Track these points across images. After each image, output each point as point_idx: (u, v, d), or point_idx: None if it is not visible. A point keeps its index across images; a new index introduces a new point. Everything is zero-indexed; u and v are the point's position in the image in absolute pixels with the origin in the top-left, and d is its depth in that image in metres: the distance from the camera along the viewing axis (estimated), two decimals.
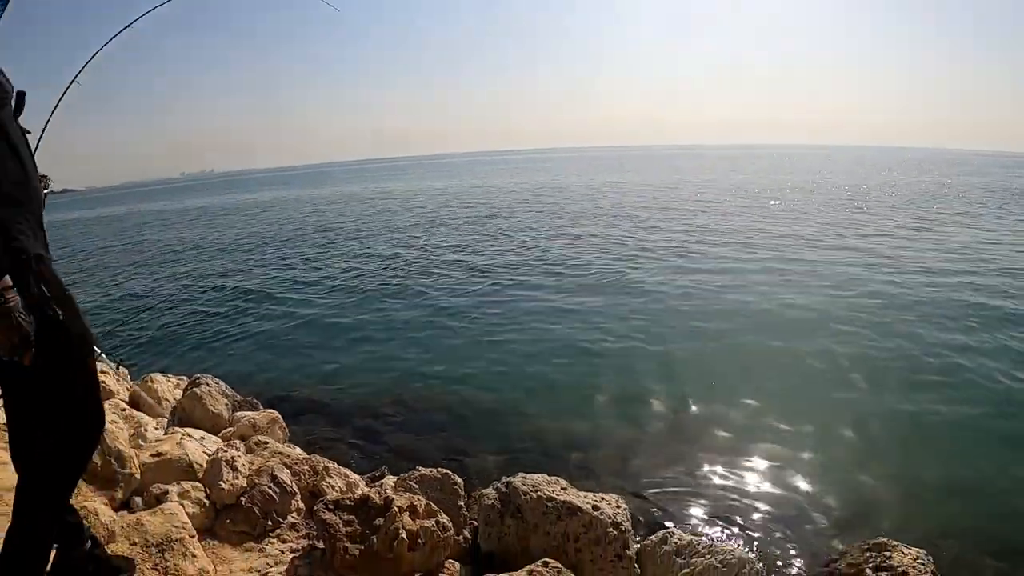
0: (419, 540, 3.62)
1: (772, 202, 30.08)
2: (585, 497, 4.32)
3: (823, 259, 15.00)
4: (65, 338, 2.25)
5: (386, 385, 8.54)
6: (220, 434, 5.41)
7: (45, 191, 4.55)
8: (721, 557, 4.10)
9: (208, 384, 6.13)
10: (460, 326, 11.03)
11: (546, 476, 4.51)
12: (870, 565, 4.22)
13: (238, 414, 5.90)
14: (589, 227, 21.93)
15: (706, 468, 6.09)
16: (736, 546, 4.45)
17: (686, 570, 4.09)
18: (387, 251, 19.64)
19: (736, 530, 5.21)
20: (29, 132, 4.48)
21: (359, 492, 4.09)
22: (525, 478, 4.41)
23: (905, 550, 4.28)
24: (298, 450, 5.56)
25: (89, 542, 2.76)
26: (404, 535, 3.55)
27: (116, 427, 4.61)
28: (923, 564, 4.16)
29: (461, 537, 4.29)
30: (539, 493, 4.22)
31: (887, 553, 4.26)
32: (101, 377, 5.97)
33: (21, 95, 2.40)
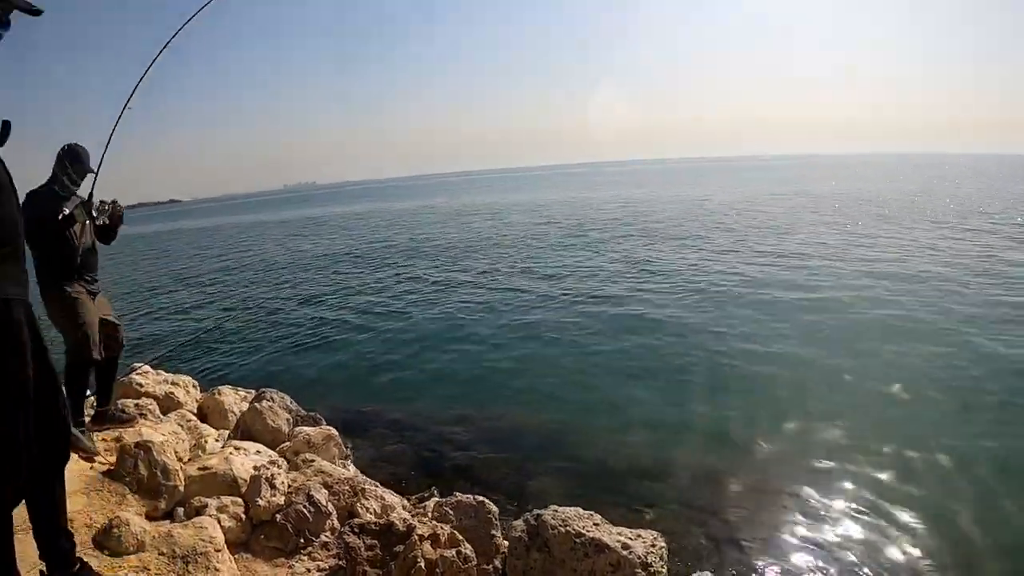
0: (437, 569, 3.69)
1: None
2: (618, 534, 4.29)
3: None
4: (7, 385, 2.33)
5: (454, 403, 8.66)
6: (277, 448, 5.60)
7: (120, 211, 4.88)
8: None
9: (272, 399, 6.36)
10: (533, 349, 11.04)
11: (579, 510, 4.49)
12: None
13: (297, 429, 6.09)
14: (667, 250, 21.45)
15: (764, 512, 5.87)
16: None
17: None
18: (461, 270, 19.85)
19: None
20: (94, 172, 4.80)
21: (386, 518, 4.18)
22: (556, 511, 4.41)
23: None
24: (350, 468, 5.73)
25: (78, 565, 2.87)
26: (422, 564, 3.63)
27: (175, 439, 4.85)
28: None
29: (491, 567, 4.33)
30: (568, 528, 4.22)
31: None
32: (172, 389, 6.31)
33: (6, 125, 2.48)
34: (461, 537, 4.01)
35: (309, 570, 3.85)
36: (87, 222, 4.67)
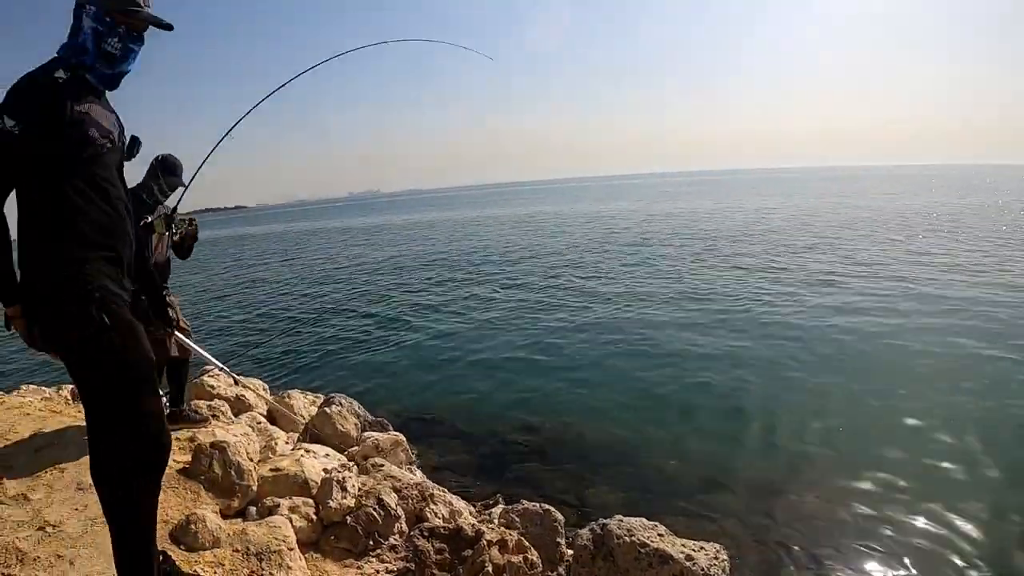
0: (504, 574, 3.72)
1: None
2: (682, 546, 4.27)
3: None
4: (122, 364, 2.44)
5: (518, 412, 8.71)
6: (346, 452, 5.70)
7: (195, 230, 5.04)
8: None
9: (340, 404, 6.47)
10: (596, 358, 11.03)
11: (644, 521, 4.47)
12: None
13: (366, 434, 6.18)
14: (745, 258, 21.29)
15: (825, 528, 5.79)
16: None
17: None
18: (529, 278, 19.92)
19: None
20: (185, 186, 4.97)
21: (455, 523, 4.22)
22: (621, 521, 4.40)
23: None
24: (417, 474, 5.79)
25: (160, 556, 2.90)
26: (490, 568, 3.66)
27: (247, 440, 4.95)
28: None
29: (555, 574, 4.35)
30: (633, 538, 4.21)
31: None
32: (244, 392, 6.44)
33: (135, 141, 2.70)
34: (528, 543, 4.03)
35: (378, 571, 3.89)
36: (165, 234, 4.81)
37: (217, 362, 5.31)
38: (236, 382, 6.51)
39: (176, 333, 4.49)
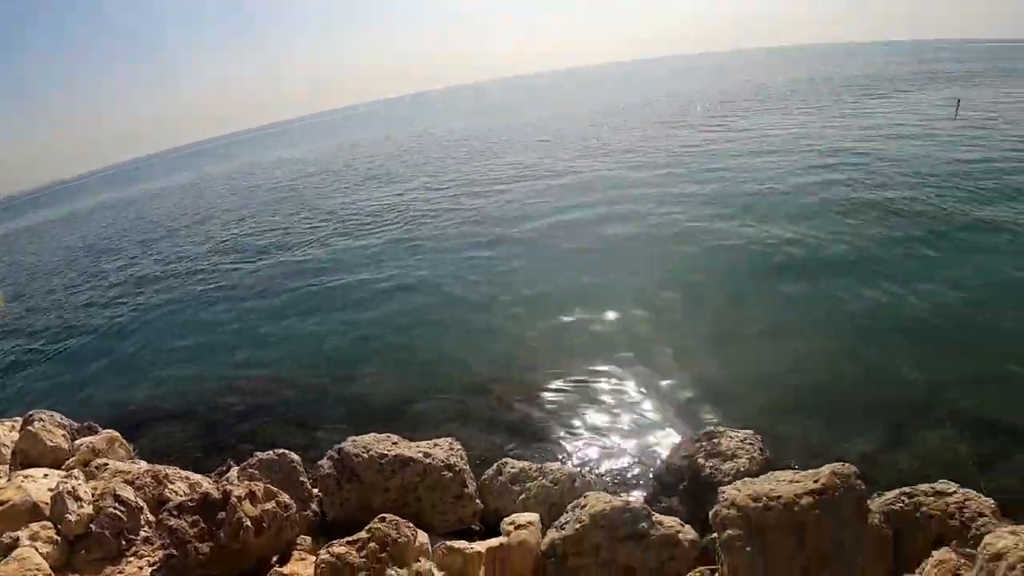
0: (264, 524, 3.92)
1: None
2: (417, 447, 4.73)
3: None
4: None
5: (219, 379, 8.75)
6: (63, 466, 5.49)
7: None
8: (551, 476, 4.65)
9: (42, 419, 6.14)
10: (286, 303, 11.31)
11: (376, 434, 4.86)
12: (701, 454, 4.78)
13: (78, 442, 5.95)
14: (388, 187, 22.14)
15: (540, 395, 6.64)
16: (563, 463, 5.03)
17: (523, 496, 4.61)
18: (199, 247, 19.32)
19: (570, 447, 5.74)
20: None
21: (200, 491, 4.33)
22: (355, 440, 4.76)
23: (732, 434, 4.86)
24: (142, 464, 5.72)
25: None
26: (248, 522, 3.84)
27: None
28: (751, 443, 4.78)
29: (310, 511, 4.63)
30: (371, 452, 4.59)
31: (716, 440, 4.83)
32: None
33: None
34: (276, 489, 4.23)
35: (140, 568, 3.94)
36: None
37: None
38: None
39: None
